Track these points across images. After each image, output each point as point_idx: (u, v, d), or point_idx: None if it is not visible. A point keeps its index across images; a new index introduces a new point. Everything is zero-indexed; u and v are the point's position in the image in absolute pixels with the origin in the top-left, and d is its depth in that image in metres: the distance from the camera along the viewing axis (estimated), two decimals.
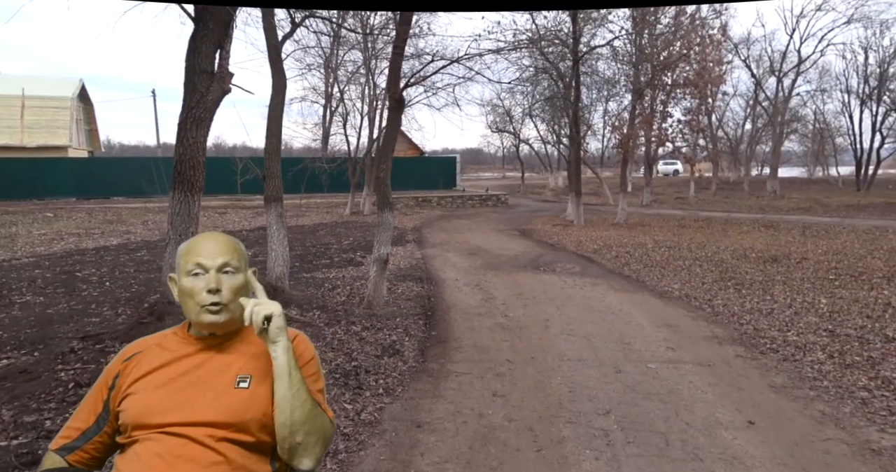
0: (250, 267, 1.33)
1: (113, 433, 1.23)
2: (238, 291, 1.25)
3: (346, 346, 4.62)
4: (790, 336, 4.93)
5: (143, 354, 1.26)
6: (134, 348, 1.28)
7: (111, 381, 1.24)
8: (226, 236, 1.31)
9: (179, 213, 4.20)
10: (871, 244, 10.92)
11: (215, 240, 1.28)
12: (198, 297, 1.22)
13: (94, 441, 1.23)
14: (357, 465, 2.81)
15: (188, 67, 4.03)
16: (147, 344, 1.28)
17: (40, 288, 7.06)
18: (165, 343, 1.27)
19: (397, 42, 5.51)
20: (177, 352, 1.24)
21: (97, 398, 1.25)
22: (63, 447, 1.22)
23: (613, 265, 9.02)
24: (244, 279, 1.28)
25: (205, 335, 1.27)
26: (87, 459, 1.23)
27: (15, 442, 2.88)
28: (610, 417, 3.33)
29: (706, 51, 16.50)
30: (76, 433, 1.23)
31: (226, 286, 1.23)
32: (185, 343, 1.26)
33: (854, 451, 2.87)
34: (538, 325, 5.48)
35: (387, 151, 5.69)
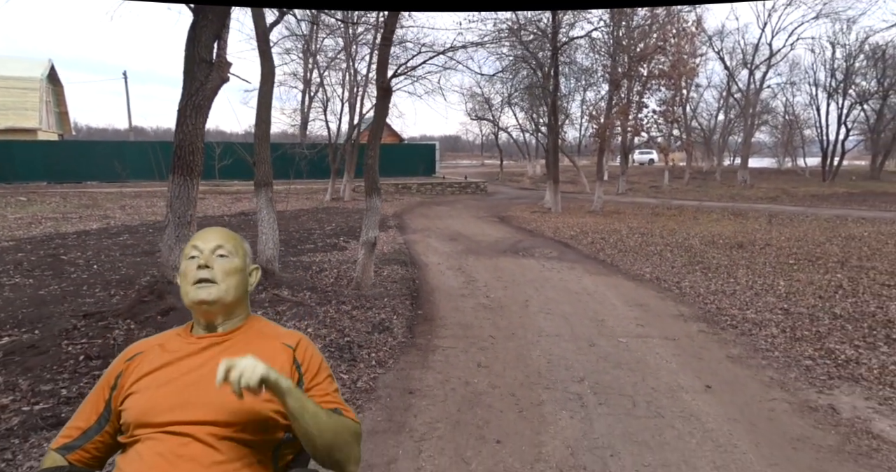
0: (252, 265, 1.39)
1: (114, 432, 1.25)
2: (230, 272, 1.29)
3: (338, 323, 4.89)
4: (749, 314, 5.35)
5: (146, 354, 1.27)
6: (136, 349, 1.30)
7: (113, 380, 1.25)
8: (228, 230, 1.37)
9: (179, 196, 4.40)
10: (830, 232, 11.52)
11: (215, 230, 1.36)
12: (190, 274, 1.27)
13: (94, 441, 1.24)
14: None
15: (188, 57, 4.20)
16: (149, 344, 1.30)
17: (27, 271, 7.15)
18: (167, 344, 1.29)
19: (385, 34, 5.72)
20: (179, 352, 1.26)
21: (99, 397, 1.26)
22: (63, 446, 1.23)
23: (589, 250, 9.42)
24: (240, 264, 1.32)
25: (204, 330, 1.29)
26: (87, 458, 1.24)
27: (37, 407, 3.09)
28: (584, 383, 3.68)
29: (681, 43, 16.94)
30: (77, 433, 1.24)
31: (217, 266, 1.27)
32: (188, 343, 1.28)
33: (794, 409, 3.27)
34: (518, 305, 5.81)
35: (375, 139, 5.92)
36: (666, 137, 24.31)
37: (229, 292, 1.27)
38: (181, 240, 4.51)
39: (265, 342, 1.29)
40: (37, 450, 2.68)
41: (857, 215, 15.04)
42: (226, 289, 1.26)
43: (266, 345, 1.29)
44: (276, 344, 1.30)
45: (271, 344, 1.30)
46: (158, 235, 10.77)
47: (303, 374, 1.28)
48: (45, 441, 2.74)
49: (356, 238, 10.46)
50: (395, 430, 3.05)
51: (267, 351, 1.26)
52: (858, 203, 18.97)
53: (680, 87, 19.96)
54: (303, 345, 1.32)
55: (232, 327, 1.30)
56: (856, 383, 3.64)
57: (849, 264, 7.92)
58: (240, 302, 1.31)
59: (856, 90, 30.93)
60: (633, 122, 17.50)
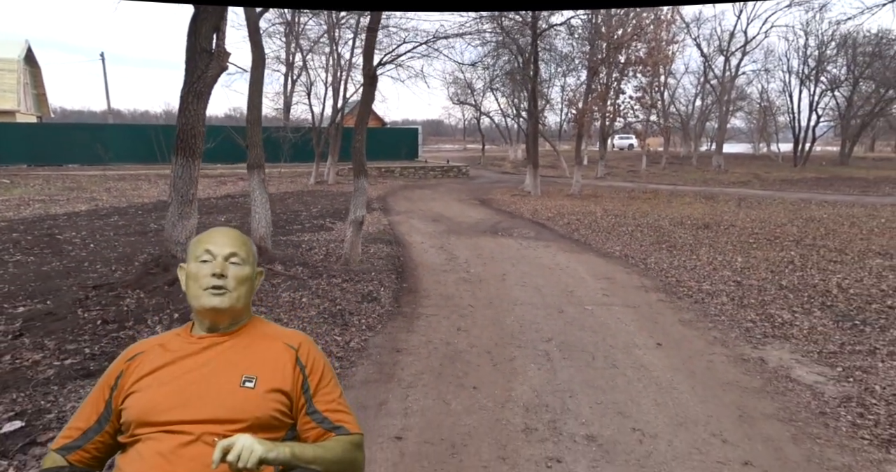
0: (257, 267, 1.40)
1: (114, 432, 1.25)
2: (243, 281, 1.29)
3: (330, 294, 5.32)
4: (704, 286, 5.89)
5: (146, 354, 1.27)
6: (136, 349, 1.29)
7: (113, 381, 1.25)
8: (238, 231, 1.37)
9: (181, 176, 4.74)
10: (793, 214, 12.17)
11: (227, 233, 1.35)
12: (203, 280, 1.26)
13: (94, 441, 1.24)
14: (352, 376, 3.55)
15: (189, 47, 4.51)
16: (150, 345, 1.30)
17: (27, 249, 7.42)
18: (168, 344, 1.28)
19: (371, 24, 6.07)
20: (180, 352, 1.26)
21: (99, 397, 1.26)
22: (64, 447, 1.23)
23: (565, 231, 9.92)
24: (250, 272, 1.32)
25: (206, 331, 1.30)
26: (87, 459, 1.24)
27: (67, 362, 3.48)
28: (551, 343, 4.16)
29: (657, 31, 17.39)
30: (77, 433, 1.24)
31: (231, 274, 1.27)
32: (188, 343, 1.28)
33: (730, 360, 3.80)
34: (496, 278, 6.29)
35: (361, 124, 6.29)
36: (643, 122, 24.91)
37: (240, 299, 1.28)
38: (183, 217, 4.87)
39: (267, 343, 1.30)
40: (74, 394, 3.08)
41: (820, 199, 15.76)
42: (237, 297, 1.27)
43: (268, 346, 1.29)
44: (279, 345, 1.30)
45: (273, 345, 1.30)
46: (148, 216, 11.03)
47: (307, 376, 1.27)
48: (81, 388, 3.14)
49: (342, 220, 10.84)
50: (385, 380, 3.50)
51: (269, 352, 1.27)
52: (824, 187, 19.75)
53: (657, 73, 20.48)
54: (305, 346, 1.32)
55: (234, 327, 1.30)
56: (786, 341, 4.19)
57: (803, 242, 8.52)
58: (246, 306, 1.33)
59: (827, 77, 31.81)
60: (610, 107, 18.00)
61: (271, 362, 1.25)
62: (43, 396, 3.04)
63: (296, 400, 1.25)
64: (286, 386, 1.24)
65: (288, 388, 1.24)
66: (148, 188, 16.93)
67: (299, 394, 1.25)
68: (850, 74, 30.71)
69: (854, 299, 5.28)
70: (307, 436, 1.24)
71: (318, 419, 1.24)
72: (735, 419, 2.96)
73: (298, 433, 1.26)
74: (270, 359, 1.25)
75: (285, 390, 1.23)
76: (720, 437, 2.76)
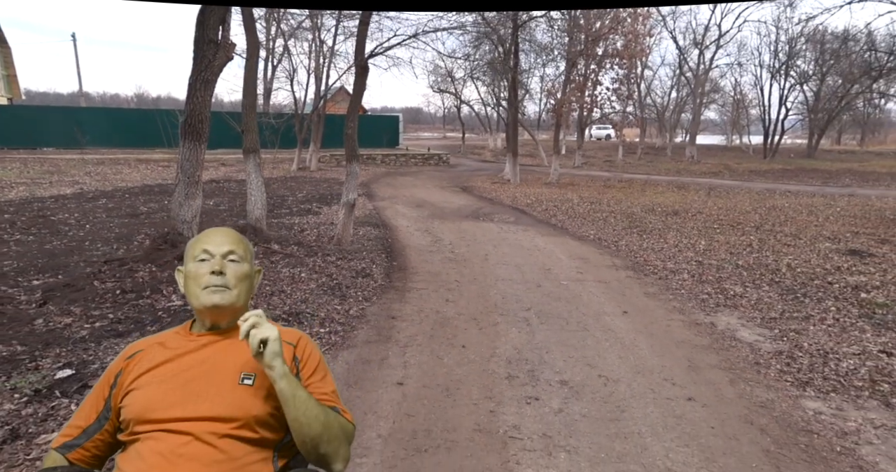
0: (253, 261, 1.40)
1: (114, 431, 1.25)
2: (241, 278, 1.30)
3: (326, 270, 5.73)
4: (668, 265, 6.45)
5: (145, 352, 1.27)
6: (135, 347, 1.30)
7: (113, 379, 1.26)
8: (235, 231, 1.38)
9: (189, 159, 5.09)
10: (757, 203, 12.89)
11: (223, 232, 1.35)
12: (202, 279, 1.27)
13: (94, 439, 1.25)
14: (354, 338, 3.99)
15: (197, 38, 4.83)
16: (149, 343, 1.30)
17: (24, 229, 7.65)
18: (167, 342, 1.29)
19: (363, 18, 6.42)
20: (179, 349, 1.26)
21: (99, 396, 1.27)
22: (64, 445, 1.24)
23: (543, 216, 10.44)
24: (249, 270, 1.33)
25: (206, 330, 1.31)
26: (87, 457, 1.25)
27: (97, 325, 3.86)
28: (530, 311, 4.66)
29: (634, 24, 17.93)
30: (77, 432, 1.25)
31: (229, 271, 1.28)
32: (188, 341, 1.29)
33: (685, 324, 4.34)
34: (479, 258, 6.76)
35: (353, 112, 6.67)
36: (620, 113, 25.56)
37: (240, 297, 1.29)
38: (189, 197, 5.22)
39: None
40: (111, 350, 3.46)
41: (784, 189, 16.57)
42: (237, 294, 1.28)
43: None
44: None
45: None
46: (136, 199, 11.22)
47: (300, 369, 1.29)
48: (115, 346, 3.53)
49: (328, 204, 11.20)
50: (384, 341, 3.96)
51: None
52: (790, 178, 20.65)
53: (633, 65, 21.07)
54: (303, 343, 1.33)
55: (234, 325, 1.29)
56: (735, 309, 4.75)
57: (763, 228, 9.18)
58: (246, 304, 1.34)
59: (796, 72, 32.88)
60: (588, 98, 18.54)
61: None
62: (83, 351, 3.42)
63: None
64: None
65: None
66: (129, 172, 16.97)
67: None
68: (818, 70, 31.82)
69: (799, 276, 5.89)
70: None
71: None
72: (685, 368, 3.49)
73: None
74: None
75: None
76: (671, 381, 3.29)
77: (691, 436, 2.66)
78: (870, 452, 2.56)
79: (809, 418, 2.87)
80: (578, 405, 2.97)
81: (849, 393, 3.16)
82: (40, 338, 3.57)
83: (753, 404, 3.01)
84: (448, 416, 2.85)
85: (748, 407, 2.97)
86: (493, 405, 2.97)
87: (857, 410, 2.97)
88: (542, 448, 2.55)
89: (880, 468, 2.43)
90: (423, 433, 2.68)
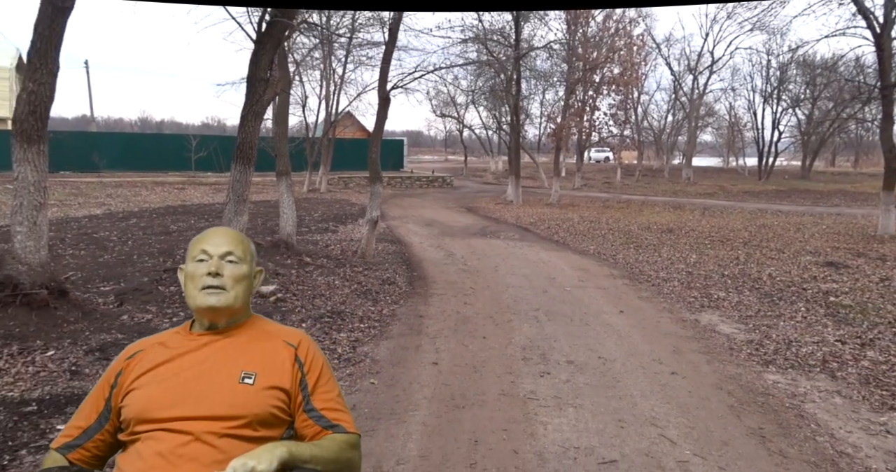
0: (258, 265, 1.40)
1: (114, 431, 1.25)
2: (240, 279, 1.29)
3: (356, 279, 6.44)
4: (661, 274, 7.17)
5: (146, 352, 1.28)
6: (136, 347, 1.31)
7: (113, 379, 1.26)
8: (235, 231, 1.38)
9: (239, 180, 5.83)
10: (749, 221, 13.64)
11: (223, 232, 1.35)
12: (199, 280, 1.26)
13: (95, 439, 1.25)
14: (390, 331, 4.69)
15: (250, 76, 5.63)
16: (149, 343, 1.31)
17: (74, 244, 8.37)
18: (168, 341, 1.29)
19: (385, 55, 7.26)
20: (180, 349, 1.26)
21: (99, 396, 1.27)
22: (64, 446, 1.24)
23: (545, 234, 11.19)
24: (248, 271, 1.31)
25: (205, 329, 1.30)
26: (88, 457, 1.25)
27: (174, 319, 4.56)
28: (539, 311, 5.35)
29: (629, 54, 18.98)
30: (77, 432, 1.25)
31: (227, 272, 1.27)
32: (188, 340, 1.29)
33: (672, 321, 5.04)
34: (490, 269, 7.48)
35: (376, 138, 7.46)
36: (617, 136, 26.52)
37: (238, 298, 1.28)
38: (238, 213, 5.95)
39: (266, 340, 1.31)
40: None
41: (776, 209, 17.35)
42: (234, 296, 1.27)
43: (267, 343, 1.30)
44: (278, 342, 1.31)
45: (273, 342, 1.31)
46: (164, 219, 11.98)
47: (306, 374, 1.29)
48: None
49: (343, 223, 11.96)
50: (416, 334, 4.65)
51: (268, 349, 1.29)
52: (782, 199, 21.45)
53: (629, 92, 22.09)
54: (305, 344, 1.33)
55: (234, 324, 1.31)
56: (717, 310, 5.45)
57: (751, 243, 9.91)
58: (245, 305, 1.33)
59: (788, 96, 34.01)
60: (586, 123, 19.48)
61: (270, 359, 1.26)
62: None
63: (294, 397, 1.26)
64: (285, 383, 1.25)
65: (287, 385, 1.25)
66: (147, 194, 17.78)
67: (297, 391, 1.27)
68: (810, 94, 32.93)
69: (778, 284, 6.59)
70: (304, 434, 1.26)
71: (316, 417, 1.26)
72: (670, 351, 4.18)
73: (296, 430, 1.27)
74: (269, 356, 1.27)
75: (284, 387, 1.24)
76: (658, 361, 3.98)
77: (672, 397, 3.35)
78: (811, 407, 3.24)
79: (768, 385, 3.56)
80: (582, 377, 3.66)
81: (803, 369, 3.85)
82: (132, 329, 4.27)
83: (724, 376, 3.70)
84: (477, 385, 3.54)
85: (720, 379, 3.66)
86: (513, 378, 3.66)
87: (808, 380, 3.66)
88: (555, 405, 3.23)
89: (818, 417, 3.12)
90: (459, 396, 3.36)
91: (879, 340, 4.48)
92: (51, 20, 3.93)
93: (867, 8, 11.69)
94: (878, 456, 2.71)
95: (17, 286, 4.07)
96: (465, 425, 2.99)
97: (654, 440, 2.82)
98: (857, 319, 5.09)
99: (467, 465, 2.59)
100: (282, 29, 5.71)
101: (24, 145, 4.18)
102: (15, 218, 4.32)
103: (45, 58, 4.00)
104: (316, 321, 4.76)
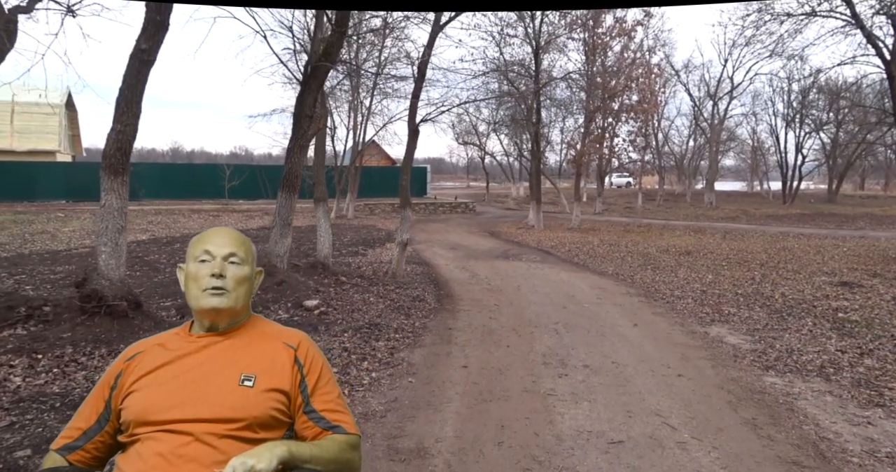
0: (261, 266, 1.40)
1: (114, 432, 1.26)
2: (242, 281, 1.29)
3: (388, 296, 6.97)
4: (676, 293, 7.54)
5: (145, 353, 1.28)
6: (135, 349, 1.31)
7: (113, 380, 1.27)
8: (237, 231, 1.37)
9: (284, 206, 6.48)
10: (769, 244, 13.85)
11: (226, 233, 1.35)
12: (201, 281, 1.26)
13: (94, 441, 1.25)
14: (423, 340, 5.18)
15: (296, 114, 6.32)
16: (149, 344, 1.31)
17: (130, 266, 9.09)
18: (167, 343, 1.30)
19: (415, 91, 7.94)
20: (179, 351, 1.27)
21: (99, 397, 1.27)
22: (64, 447, 1.25)
23: (566, 256, 11.61)
24: (249, 272, 1.32)
25: (206, 331, 1.30)
26: (87, 459, 1.25)
27: None
28: (559, 324, 5.80)
29: (647, 81, 19.53)
30: (77, 433, 1.26)
31: (230, 274, 1.27)
32: (188, 342, 1.29)
33: (684, 333, 5.44)
34: (512, 288, 7.94)
35: (406, 167, 8.09)
36: (638, 162, 26.92)
37: (239, 300, 1.28)
38: (283, 236, 6.57)
39: (266, 342, 1.31)
40: None
41: (798, 232, 17.46)
42: (236, 298, 1.28)
43: (267, 345, 1.30)
44: (278, 344, 1.31)
45: (272, 344, 1.31)
46: None
47: (305, 375, 1.29)
48: None
49: (371, 247, 12.57)
50: (446, 343, 5.13)
51: (268, 351, 1.29)
52: (805, 222, 21.47)
53: (648, 119, 22.56)
54: (304, 345, 1.33)
55: (233, 326, 1.31)
56: (726, 324, 5.82)
57: (768, 265, 10.19)
58: (246, 306, 1.33)
59: (812, 119, 34.06)
60: (606, 150, 19.96)
61: (270, 360, 1.27)
62: None
63: (294, 399, 1.26)
64: (285, 385, 1.25)
65: (286, 387, 1.25)
66: (185, 221, 18.72)
67: (297, 393, 1.27)
68: (835, 117, 32.93)
69: (789, 301, 6.92)
70: (304, 435, 1.26)
71: (316, 419, 1.26)
72: (679, 358, 4.58)
73: (296, 431, 1.28)
74: (269, 358, 1.27)
75: (284, 389, 1.25)
76: (667, 366, 4.39)
77: (677, 394, 3.76)
78: (803, 403, 3.63)
79: (766, 386, 3.95)
80: (597, 378, 4.09)
81: (801, 374, 4.22)
82: None
83: (726, 378, 4.10)
84: (503, 383, 4.00)
85: (722, 380, 4.06)
86: (535, 378, 4.11)
87: (804, 382, 4.03)
88: (571, 400, 3.67)
89: (807, 411, 3.50)
90: (486, 392, 3.83)
91: (879, 350, 4.81)
92: (137, 71, 4.63)
93: (876, 36, 12.09)
94: (855, 441, 3.09)
95: (102, 299, 4.68)
96: (492, 414, 3.46)
97: (657, 426, 3.24)
98: (862, 332, 5.42)
99: (495, 443, 3.05)
100: (324, 71, 6.41)
101: (110, 177, 4.84)
102: (100, 239, 4.96)
103: (131, 103, 4.69)
104: (356, 332, 5.28)
